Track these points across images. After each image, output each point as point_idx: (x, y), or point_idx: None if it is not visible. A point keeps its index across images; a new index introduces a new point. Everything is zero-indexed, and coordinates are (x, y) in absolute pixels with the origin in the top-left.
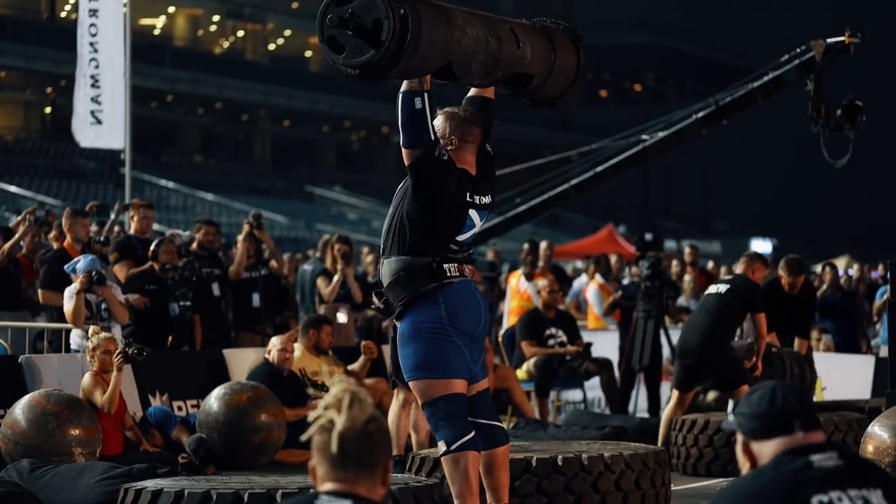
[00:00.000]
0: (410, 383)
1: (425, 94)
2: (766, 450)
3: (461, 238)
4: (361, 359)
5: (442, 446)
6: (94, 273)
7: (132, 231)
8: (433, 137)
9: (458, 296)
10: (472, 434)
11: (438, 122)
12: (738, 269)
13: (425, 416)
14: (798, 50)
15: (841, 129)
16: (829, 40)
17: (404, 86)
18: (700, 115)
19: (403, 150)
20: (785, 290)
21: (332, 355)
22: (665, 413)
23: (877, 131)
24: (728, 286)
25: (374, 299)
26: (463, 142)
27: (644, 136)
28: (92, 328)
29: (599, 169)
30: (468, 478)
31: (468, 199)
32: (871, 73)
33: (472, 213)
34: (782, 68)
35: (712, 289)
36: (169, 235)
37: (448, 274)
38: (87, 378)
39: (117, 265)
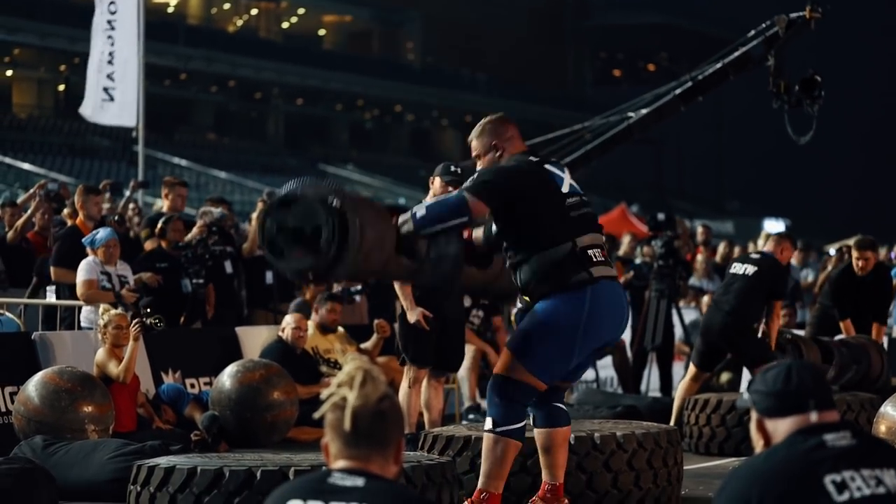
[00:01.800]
0: (504, 349)
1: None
2: (781, 428)
3: (564, 188)
4: (374, 337)
5: (488, 423)
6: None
7: (165, 209)
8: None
9: (605, 301)
10: (522, 424)
11: (476, 144)
12: (768, 247)
13: (489, 384)
14: (763, 25)
15: (801, 105)
16: (791, 15)
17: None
18: (678, 91)
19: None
20: (858, 274)
21: (344, 333)
22: (679, 389)
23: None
24: (756, 268)
25: (523, 301)
26: (505, 141)
27: (630, 114)
28: (102, 307)
29: (588, 147)
30: (502, 462)
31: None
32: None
33: (549, 167)
34: (749, 44)
35: (738, 268)
36: (200, 212)
37: (595, 260)
38: (100, 352)
39: (149, 241)
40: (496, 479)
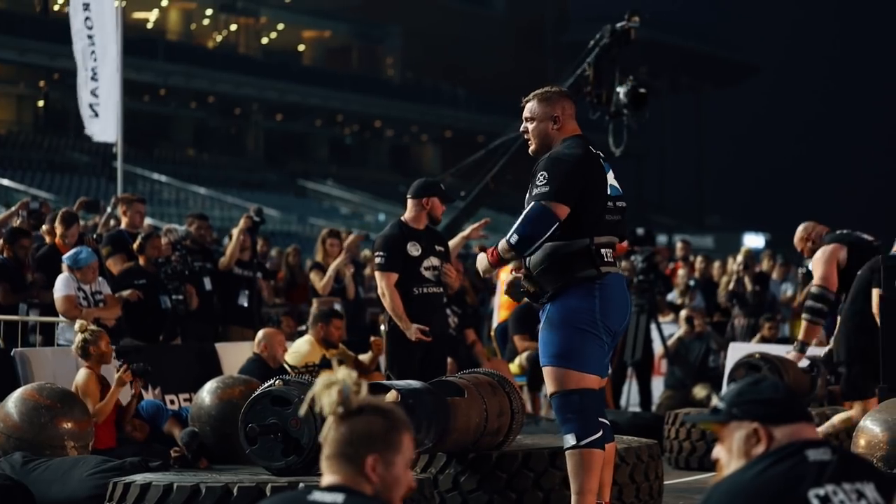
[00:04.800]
0: (545, 369)
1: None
2: (781, 434)
3: (608, 190)
4: (370, 354)
5: (570, 439)
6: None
7: (123, 225)
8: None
9: (613, 292)
10: (601, 433)
11: (534, 107)
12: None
13: (553, 405)
14: (598, 36)
15: (620, 116)
16: (618, 25)
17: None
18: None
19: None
20: None
21: (344, 348)
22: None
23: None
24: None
25: (525, 283)
26: (567, 117)
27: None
28: (79, 323)
29: (503, 160)
30: (591, 475)
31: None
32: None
33: (603, 163)
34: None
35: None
36: (164, 230)
37: (605, 259)
38: (83, 377)
39: (110, 259)
40: (589, 495)
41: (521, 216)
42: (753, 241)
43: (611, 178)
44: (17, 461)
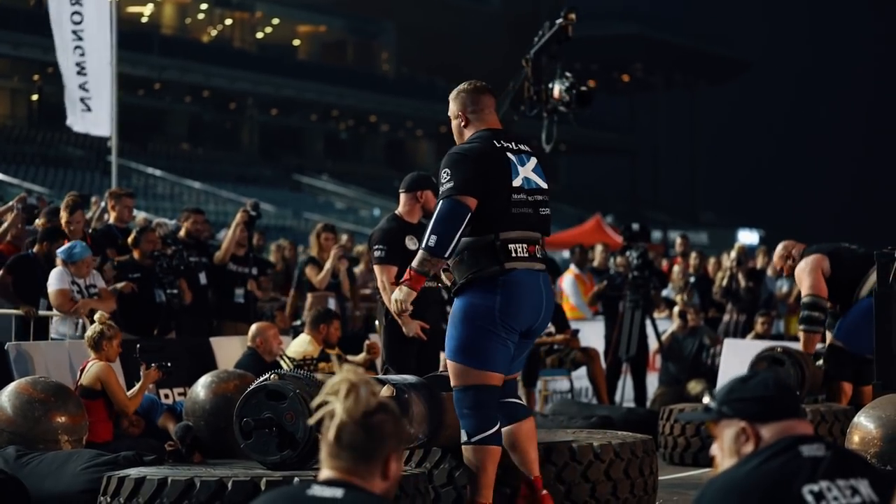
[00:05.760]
0: (448, 363)
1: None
2: (768, 433)
3: (516, 182)
4: (363, 355)
5: (463, 436)
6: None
7: (111, 220)
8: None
9: (519, 288)
10: (496, 429)
11: (450, 108)
12: None
13: (454, 401)
14: (539, 33)
15: (555, 112)
16: (556, 22)
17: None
18: None
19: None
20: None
21: (338, 350)
22: None
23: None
24: None
25: (443, 276)
26: (473, 113)
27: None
28: (99, 313)
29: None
30: (484, 470)
31: (504, 148)
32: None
33: (510, 156)
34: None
35: None
36: (154, 224)
37: (514, 254)
38: (105, 370)
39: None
40: (483, 489)
41: (432, 219)
42: (748, 237)
43: (528, 170)
44: (11, 455)
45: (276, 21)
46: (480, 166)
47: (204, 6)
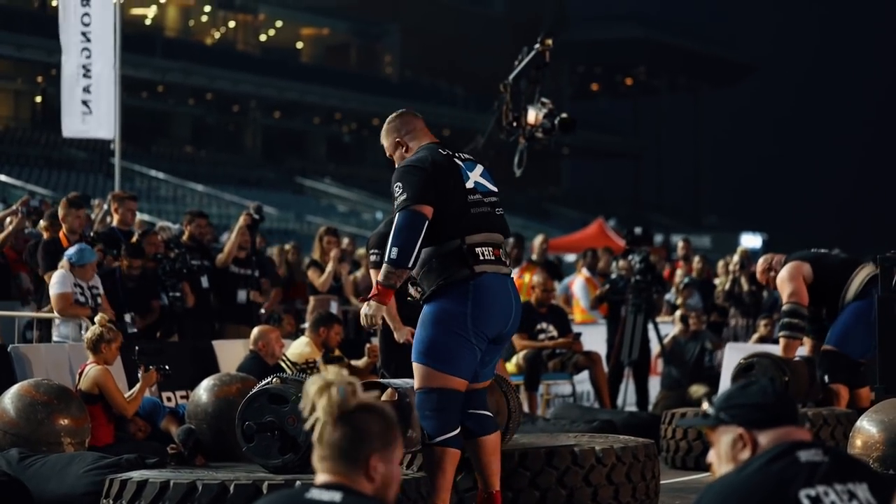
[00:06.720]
0: (414, 364)
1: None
2: (765, 439)
3: (468, 185)
4: (365, 359)
5: (424, 437)
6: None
7: (114, 223)
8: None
9: (490, 295)
10: (457, 432)
11: (385, 145)
12: None
13: (416, 401)
14: (520, 56)
15: (533, 139)
16: (534, 47)
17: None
18: None
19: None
20: None
21: (339, 353)
22: None
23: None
24: None
25: (411, 290)
26: (407, 135)
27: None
28: (100, 315)
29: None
30: (443, 472)
31: (454, 156)
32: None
33: (458, 162)
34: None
35: None
36: (158, 228)
37: (482, 258)
38: (102, 374)
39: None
40: (441, 491)
41: (391, 232)
42: (751, 241)
43: (477, 175)
44: (14, 457)
45: (279, 24)
46: (431, 174)
47: (207, 9)
